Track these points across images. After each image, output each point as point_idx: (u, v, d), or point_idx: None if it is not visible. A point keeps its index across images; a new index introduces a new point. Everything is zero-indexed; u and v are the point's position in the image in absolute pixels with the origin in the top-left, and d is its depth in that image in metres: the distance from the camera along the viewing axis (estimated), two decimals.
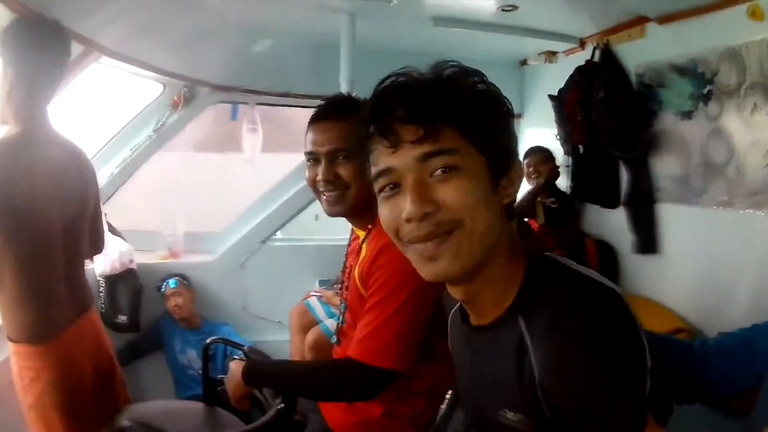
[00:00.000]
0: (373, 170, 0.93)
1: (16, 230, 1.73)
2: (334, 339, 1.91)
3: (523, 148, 3.26)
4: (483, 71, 0.94)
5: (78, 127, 2.78)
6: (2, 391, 1.92)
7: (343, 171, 1.57)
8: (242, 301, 3.50)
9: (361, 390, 1.57)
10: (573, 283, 0.88)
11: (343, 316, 1.81)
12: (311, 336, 2.82)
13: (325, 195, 1.61)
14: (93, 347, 2.01)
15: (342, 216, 1.67)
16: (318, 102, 1.69)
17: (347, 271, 1.78)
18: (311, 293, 3.01)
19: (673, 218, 2.73)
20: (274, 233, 3.64)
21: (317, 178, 1.59)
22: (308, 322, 2.91)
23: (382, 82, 0.92)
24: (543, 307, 0.87)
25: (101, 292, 2.97)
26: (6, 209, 1.70)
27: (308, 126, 1.63)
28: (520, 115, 3.71)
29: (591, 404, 0.83)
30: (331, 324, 2.71)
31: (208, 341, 1.98)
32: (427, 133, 0.85)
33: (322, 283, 3.33)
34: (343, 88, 2.50)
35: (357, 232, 1.76)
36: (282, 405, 1.57)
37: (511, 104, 0.95)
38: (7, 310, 1.80)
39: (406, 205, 0.87)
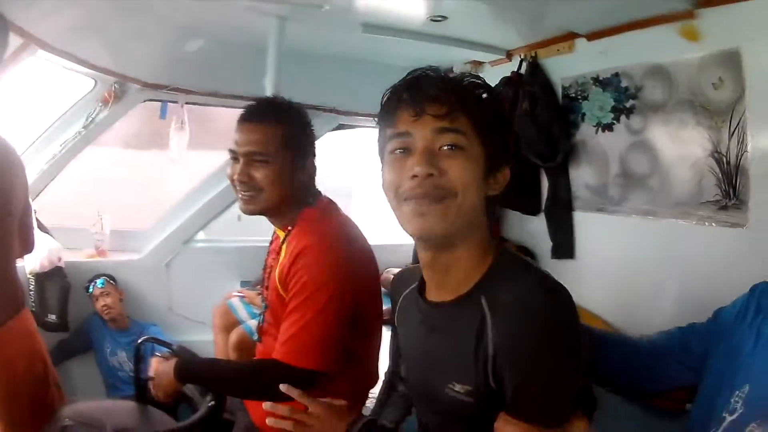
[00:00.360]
0: (390, 132, 1.06)
1: None
2: (255, 337, 1.93)
3: None
4: None
5: (6, 121, 2.73)
6: None
7: (258, 174, 1.60)
8: (167, 300, 3.49)
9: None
10: (536, 276, 1.03)
11: (264, 315, 1.84)
12: (234, 336, 2.83)
13: (240, 193, 1.64)
14: (26, 348, 1.96)
15: (256, 214, 1.70)
16: (245, 103, 1.71)
17: (268, 270, 1.80)
18: (233, 294, 3.01)
19: (590, 225, 2.84)
20: (197, 232, 3.63)
21: (234, 177, 1.62)
22: (231, 322, 2.91)
23: (415, 71, 1.07)
24: (506, 289, 1.01)
25: (31, 290, 2.93)
26: None
27: (237, 124, 1.66)
28: None
29: (532, 379, 0.96)
30: (253, 324, 2.71)
31: (140, 341, 1.99)
32: (448, 112, 1.00)
33: (244, 284, 3.35)
34: (268, 91, 2.51)
35: (278, 232, 1.78)
36: (213, 402, 1.62)
37: (512, 127, 1.12)
38: None
39: (414, 164, 1.00)
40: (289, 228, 1.68)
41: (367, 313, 1.70)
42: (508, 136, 1.10)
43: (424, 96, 1.01)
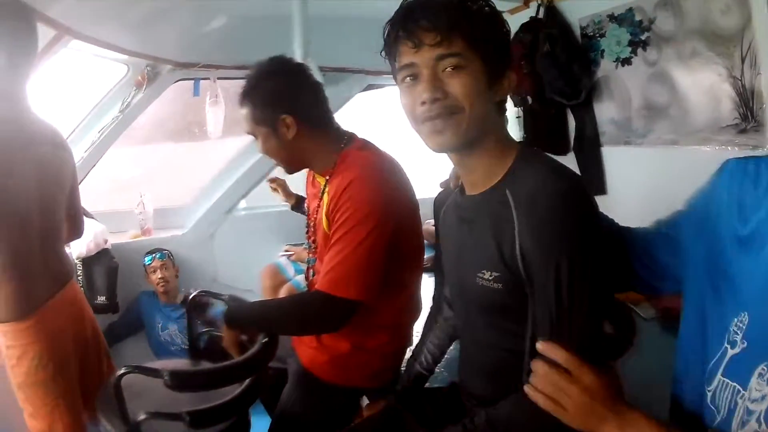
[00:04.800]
0: (397, 64, 1.17)
1: None
2: (304, 284, 1.98)
3: None
4: None
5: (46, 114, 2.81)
6: None
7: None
8: (213, 271, 3.53)
9: (327, 321, 1.64)
10: (551, 166, 1.14)
11: (314, 256, 1.89)
12: (284, 292, 2.90)
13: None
14: (75, 314, 2.00)
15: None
16: None
17: (312, 214, 1.85)
18: (281, 254, 3.07)
19: (618, 160, 2.89)
20: (239, 201, 3.68)
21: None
22: (279, 282, 2.98)
23: None
24: (525, 180, 1.12)
25: (79, 275, 2.91)
26: None
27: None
28: None
29: (558, 263, 1.04)
30: (302, 279, 2.77)
31: (192, 294, 2.04)
32: (442, 39, 1.09)
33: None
34: (297, 56, 2.55)
35: (317, 179, 1.82)
36: (266, 339, 1.63)
37: (509, 27, 1.20)
38: None
39: (422, 91, 1.11)
40: (331, 170, 1.73)
41: (409, 244, 1.74)
42: (505, 46, 1.19)
43: (419, 28, 1.10)
